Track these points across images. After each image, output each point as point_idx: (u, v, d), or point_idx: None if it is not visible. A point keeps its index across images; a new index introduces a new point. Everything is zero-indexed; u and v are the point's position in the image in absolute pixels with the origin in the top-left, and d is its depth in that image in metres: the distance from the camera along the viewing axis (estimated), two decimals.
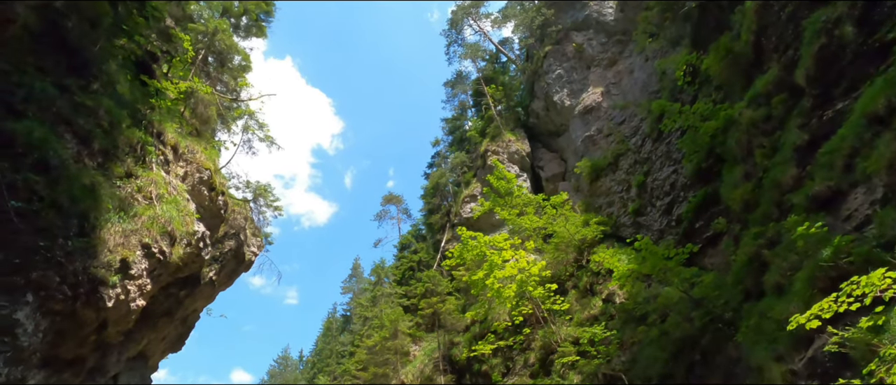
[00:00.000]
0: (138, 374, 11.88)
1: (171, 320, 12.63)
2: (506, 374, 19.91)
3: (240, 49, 20.43)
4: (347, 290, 55.32)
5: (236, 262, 15.42)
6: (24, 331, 5.98)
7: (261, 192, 18.89)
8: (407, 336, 26.74)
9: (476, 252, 20.21)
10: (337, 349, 50.57)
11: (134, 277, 8.53)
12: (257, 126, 19.51)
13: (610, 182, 20.98)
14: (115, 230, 8.50)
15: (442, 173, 39.05)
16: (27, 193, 6.89)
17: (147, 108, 12.47)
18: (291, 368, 61.63)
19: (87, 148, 9.03)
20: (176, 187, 11.47)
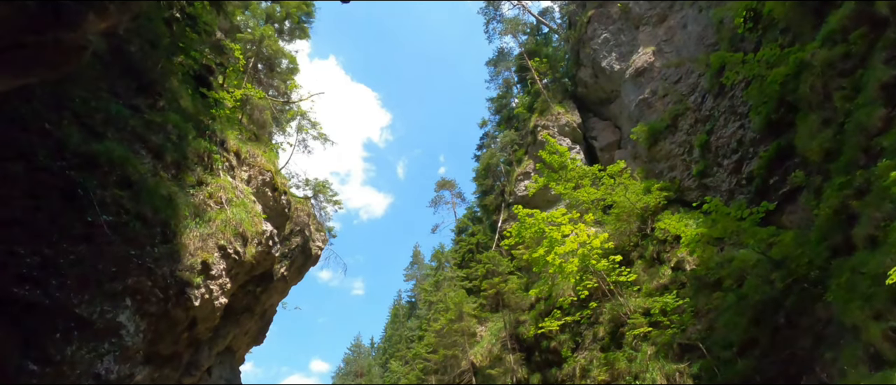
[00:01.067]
0: (228, 366, 12.83)
1: (251, 316, 13.49)
2: (575, 349, 19.66)
3: (286, 53, 21.09)
4: (410, 277, 56.57)
5: (304, 258, 16.13)
6: (127, 332, 6.57)
7: (320, 188, 19.58)
8: (472, 317, 27.00)
9: (534, 229, 19.96)
10: (405, 334, 52.04)
11: (215, 277, 9.13)
12: (310, 125, 20.16)
13: (670, 145, 19.94)
14: (193, 235, 9.11)
15: (492, 154, 38.73)
16: (115, 208, 7.49)
17: (209, 118, 13.19)
18: (364, 355, 64.20)
19: (161, 161, 9.68)
20: (242, 191, 12.10)
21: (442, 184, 44.37)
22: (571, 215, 19.54)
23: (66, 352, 5.64)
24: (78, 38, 4.42)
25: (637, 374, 15.10)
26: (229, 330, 11.99)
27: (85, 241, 6.60)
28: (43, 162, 6.68)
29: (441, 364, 25.67)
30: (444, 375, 25.66)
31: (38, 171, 6.51)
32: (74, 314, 5.90)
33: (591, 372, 17.27)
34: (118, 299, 6.63)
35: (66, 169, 6.88)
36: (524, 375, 22.38)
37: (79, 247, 6.44)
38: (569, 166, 21.24)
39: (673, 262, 16.77)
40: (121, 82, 9.87)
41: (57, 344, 5.53)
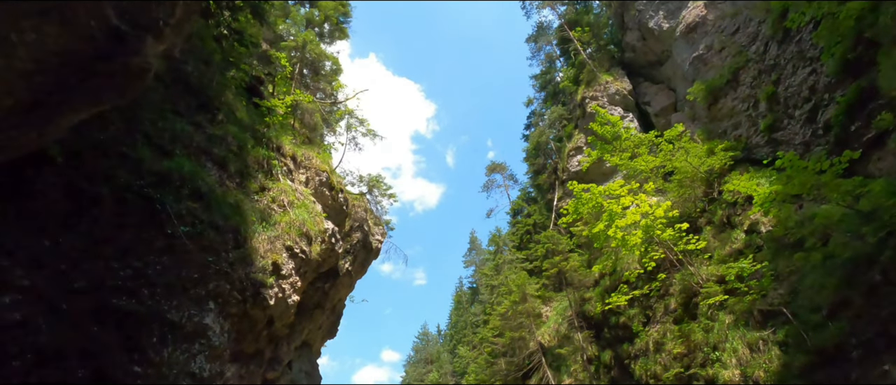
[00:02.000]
0: (306, 360, 13.51)
1: (322, 311, 14.08)
2: (646, 323, 19.03)
3: (328, 55, 21.58)
4: (469, 263, 56.88)
5: (365, 252, 16.59)
6: (214, 332, 7.03)
7: (374, 183, 20.02)
8: (536, 298, 26.80)
9: (591, 204, 19.43)
10: (470, 320, 52.54)
11: (285, 277, 9.57)
12: (358, 123, 20.59)
13: (732, 102, 18.65)
14: (262, 239, 9.58)
15: (541, 132, 37.97)
16: (190, 219, 7.99)
17: (263, 126, 13.77)
18: (432, 343, 65.51)
19: (226, 172, 10.22)
20: (302, 192, 12.57)
21: (492, 167, 44.08)
22: (630, 186, 18.82)
23: (163, 354, 6.12)
24: (141, 61, 4.70)
25: (715, 344, 14.42)
26: (304, 326, 12.59)
27: (168, 252, 7.10)
28: (124, 183, 7.22)
29: (508, 347, 25.71)
30: (513, 357, 25.70)
31: (121, 192, 7.05)
32: (166, 319, 6.38)
33: (666, 345, 16.68)
34: (202, 303, 7.10)
35: (144, 187, 7.40)
36: (595, 352, 21.99)
37: (163, 258, 6.94)
38: (623, 136, 20.41)
39: (746, 226, 15.79)
40: (182, 101, 10.48)
41: (155, 347, 6.01)
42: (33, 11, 3.61)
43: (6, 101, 3.82)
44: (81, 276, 5.79)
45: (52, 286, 5.39)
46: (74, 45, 4.14)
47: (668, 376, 15.32)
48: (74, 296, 5.58)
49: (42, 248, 5.60)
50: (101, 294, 5.82)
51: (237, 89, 13.90)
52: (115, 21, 4.37)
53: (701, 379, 14.43)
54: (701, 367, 14.62)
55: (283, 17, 22.23)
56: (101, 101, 4.75)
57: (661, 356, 16.78)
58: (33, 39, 3.73)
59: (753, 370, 12.66)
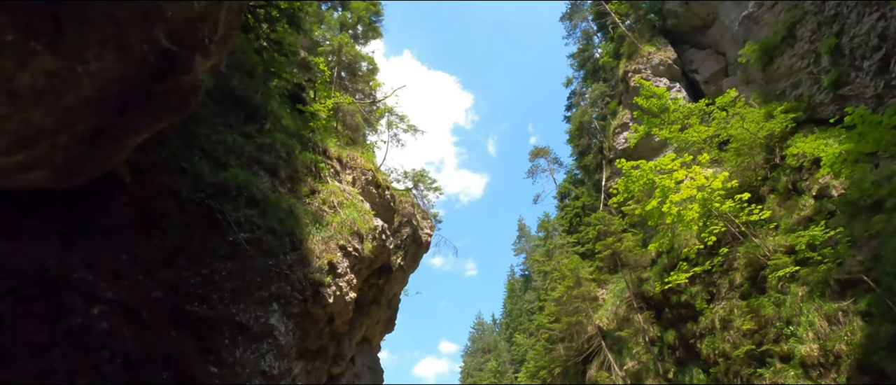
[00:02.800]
0: (368, 355, 13.90)
1: (379, 307, 14.40)
2: (710, 300, 18.23)
3: (364, 55, 21.91)
4: (519, 250, 56.49)
5: (415, 246, 16.81)
6: (280, 332, 7.36)
7: (418, 178, 20.21)
8: (590, 282, 26.26)
9: (642, 181, 18.76)
10: (525, 307, 52.27)
11: (341, 275, 9.85)
12: (399, 119, 20.82)
13: (789, 59, 17.40)
14: (316, 240, 9.89)
15: (583, 112, 36.99)
16: (249, 226, 8.36)
17: (308, 131, 14.18)
18: (488, 332, 65.73)
19: (277, 178, 10.60)
20: (350, 192, 12.87)
21: (536, 152, 43.41)
22: (683, 159, 18.01)
23: (236, 354, 6.46)
24: (192, 78, 4.93)
25: (789, 318, 13.62)
26: (362, 321, 12.95)
27: (231, 258, 7.47)
28: (187, 195, 7.63)
29: (566, 332, 25.37)
30: (571, 343, 25.35)
31: (185, 204, 7.46)
32: (235, 321, 6.72)
33: (733, 322, 15.92)
34: (267, 305, 7.43)
35: (205, 199, 7.80)
36: (657, 333, 21.32)
37: (227, 263, 7.30)
38: (670, 107, 19.53)
39: (814, 190, 14.75)
40: (231, 114, 10.94)
41: (227, 348, 6.35)
42: (95, 43, 3.85)
43: (78, 129, 4.11)
44: (157, 285, 6.19)
45: (132, 296, 5.79)
46: (131, 69, 4.39)
47: (739, 354, 14.63)
48: (152, 304, 5.98)
49: (120, 262, 6.03)
50: (176, 301, 6.21)
51: (281, 97, 14.37)
52: (166, 43, 4.60)
53: (775, 355, 13.69)
54: (774, 342, 13.87)
55: (317, 23, 22.73)
56: (159, 120, 5.04)
57: (728, 334, 16.05)
58: (96, 69, 3.99)
59: (834, 343, 11.88)
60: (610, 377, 22.21)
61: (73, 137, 4.13)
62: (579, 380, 25.31)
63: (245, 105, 11.44)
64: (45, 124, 3.81)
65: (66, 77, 3.77)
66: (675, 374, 19.64)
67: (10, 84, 3.37)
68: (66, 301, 5.18)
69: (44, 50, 3.49)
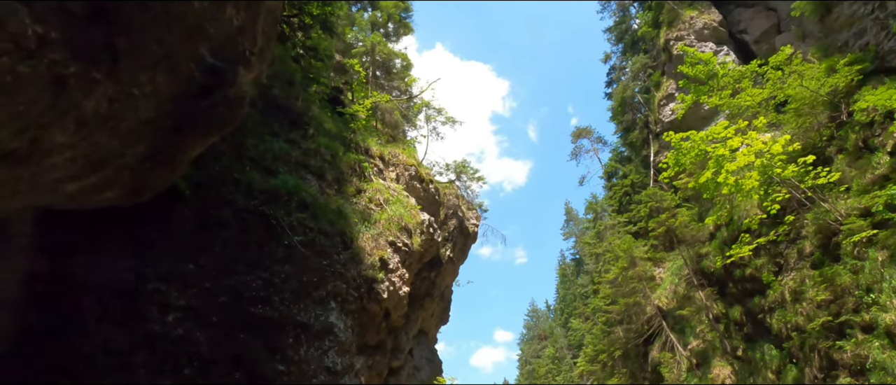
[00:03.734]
0: (425, 347, 14.13)
1: (432, 299, 14.57)
2: (778, 271, 17.24)
3: (397, 52, 22.07)
4: (568, 234, 55.56)
5: (463, 237, 16.86)
6: (339, 329, 7.60)
7: (461, 169, 20.22)
8: (645, 261, 25.45)
9: (694, 153, 17.91)
10: (578, 292, 51.43)
11: (393, 271, 10.03)
12: (436, 113, 20.89)
13: (850, 7, 16.08)
14: (366, 238, 10.11)
15: (624, 86, 35.75)
16: (302, 229, 8.64)
17: (350, 132, 14.46)
18: (543, 318, 65.21)
19: (324, 181, 10.90)
20: (395, 189, 13.05)
21: (578, 133, 42.38)
22: (736, 126, 17.06)
23: (300, 352, 6.73)
24: (237, 91, 5.13)
25: (869, 286, 12.66)
26: (417, 315, 13.15)
27: (288, 261, 7.76)
28: (241, 204, 7.99)
29: (624, 314, 24.74)
30: (630, 324, 24.70)
31: (241, 213, 7.81)
32: (297, 321, 7.00)
33: (806, 293, 14.97)
34: (325, 303, 7.68)
35: (258, 206, 8.14)
36: (721, 310, 20.42)
37: (285, 266, 7.60)
38: (719, 73, 18.49)
39: (889, 146, 13.61)
40: (275, 123, 11.33)
41: (292, 347, 6.63)
42: (148, 66, 4.07)
43: (139, 149, 4.38)
44: (222, 291, 6.53)
45: (202, 303, 6.14)
46: (181, 88, 4.62)
47: (814, 326, 13.76)
48: (220, 309, 6.31)
49: (188, 271, 6.40)
50: (241, 304, 6.53)
51: (321, 102, 14.73)
52: (210, 59, 4.80)
53: (856, 326, 12.78)
54: (854, 312, 12.95)
55: (349, 26, 23.09)
56: (211, 134, 5.28)
57: (801, 306, 15.13)
58: (151, 91, 4.22)
59: None
60: (673, 357, 21.52)
61: (136, 157, 4.41)
62: (640, 362, 24.66)
63: (288, 113, 11.80)
64: (111, 147, 4.08)
65: (125, 101, 4.01)
66: (744, 351, 18.76)
67: (78, 112, 3.63)
68: (143, 310, 5.56)
69: (104, 78, 3.72)
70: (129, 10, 3.83)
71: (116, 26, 3.78)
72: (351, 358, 7.89)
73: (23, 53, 3.01)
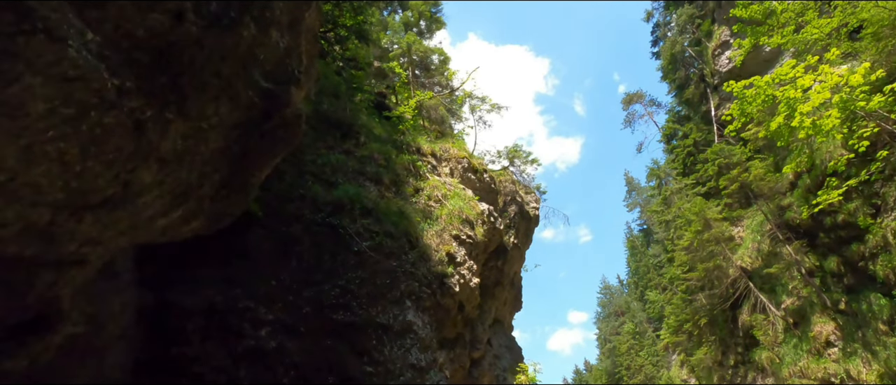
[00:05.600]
0: (502, 335, 14.15)
1: (502, 288, 14.54)
2: (875, 214, 15.76)
3: (433, 48, 22.11)
4: (632, 205, 53.57)
5: (525, 222, 16.70)
6: (418, 326, 7.77)
7: (513, 154, 19.99)
8: (721, 222, 24.03)
9: (760, 100, 16.68)
10: (650, 263, 49.51)
11: (461, 263, 10.10)
12: (480, 102, 20.75)
13: None
14: (430, 235, 10.24)
15: (672, 42, 33.89)
16: (368, 234, 8.88)
17: (399, 134, 14.69)
18: (617, 294, 63.35)
19: (382, 185, 11.13)
20: (450, 183, 13.11)
21: (628, 99, 40.72)
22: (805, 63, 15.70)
23: (385, 352, 6.94)
24: (293, 110, 5.34)
25: None
26: (490, 304, 13.17)
27: (360, 267, 8.01)
28: (309, 218, 8.33)
29: (704, 279, 23.52)
30: (713, 290, 23.45)
31: (310, 226, 8.15)
32: (377, 322, 7.21)
33: None
34: (401, 303, 7.87)
35: (325, 217, 8.46)
36: (814, 263, 18.94)
37: (358, 272, 7.84)
38: (778, 9, 17.06)
39: None
40: (328, 136, 11.71)
41: (376, 348, 6.85)
42: (211, 100, 4.32)
43: (215, 178, 4.67)
44: (304, 302, 6.84)
45: (288, 315, 6.47)
46: (243, 115, 4.86)
47: None
48: (305, 319, 6.62)
49: (271, 287, 6.76)
50: (324, 313, 6.82)
51: (367, 109, 15.06)
52: (264, 84, 5.02)
53: None
54: None
55: (382, 30, 23.39)
56: (276, 153, 5.54)
57: None
58: (216, 122, 4.48)
59: None
60: (766, 319, 20.22)
61: (213, 186, 4.70)
62: (730, 327, 23.38)
63: (338, 125, 12.16)
64: (190, 180, 4.37)
65: (196, 136, 4.28)
66: (847, 303, 17.30)
67: (157, 152, 3.91)
68: (238, 327, 5.94)
69: (175, 117, 3.99)
70: (187, 49, 4.07)
71: (178, 67, 4.03)
72: (433, 353, 8.03)
73: (106, 105, 3.27)
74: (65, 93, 2.97)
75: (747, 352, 21.97)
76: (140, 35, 3.68)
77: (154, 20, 3.75)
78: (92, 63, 3.11)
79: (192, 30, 4.03)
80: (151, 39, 3.78)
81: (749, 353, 21.73)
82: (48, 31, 2.74)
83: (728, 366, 23.17)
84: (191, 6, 4.00)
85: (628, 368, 47.49)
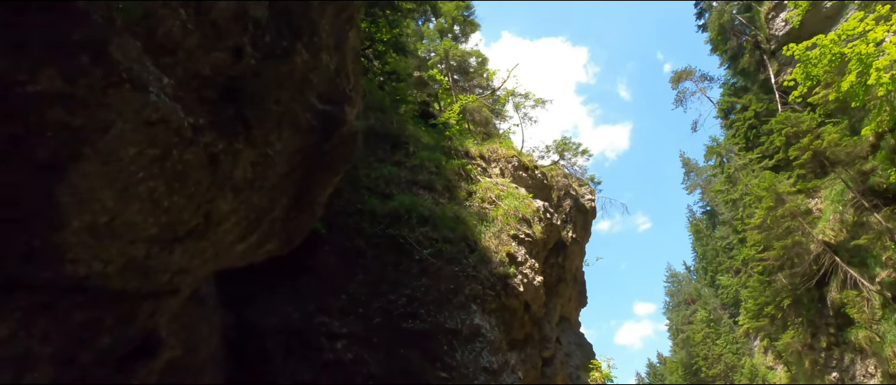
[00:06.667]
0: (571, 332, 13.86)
1: (565, 284, 14.24)
2: None
3: (470, 51, 22.17)
4: (691, 187, 51.08)
5: (582, 215, 16.32)
6: (486, 329, 7.75)
7: (562, 147, 19.62)
8: (794, 195, 22.42)
9: (826, 60, 15.59)
10: (719, 246, 46.91)
11: (522, 263, 9.99)
12: (523, 98, 20.56)
13: None
14: (488, 236, 10.20)
15: (719, 12, 32.19)
16: (427, 242, 8.97)
17: (446, 141, 14.78)
18: (684, 282, 60.38)
19: (435, 192, 11.22)
20: (502, 184, 13.03)
21: (677, 77, 38.98)
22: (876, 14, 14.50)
23: (456, 357, 6.96)
24: (349, 128, 5.52)
25: None
26: (555, 302, 12.93)
27: (423, 274, 8.10)
28: (370, 231, 8.53)
29: (783, 258, 21.98)
30: (794, 268, 21.87)
31: (371, 239, 8.35)
32: (446, 328, 7.26)
33: None
34: (466, 307, 7.88)
35: (385, 229, 8.63)
36: None
37: (422, 279, 7.94)
38: None
39: None
40: (379, 149, 11.96)
41: (448, 354, 6.89)
42: (273, 126, 4.53)
43: (283, 200, 4.89)
44: (374, 313, 7.01)
45: (360, 327, 6.65)
46: (304, 138, 5.06)
47: None
48: (376, 330, 6.77)
49: (342, 301, 6.98)
50: (393, 323, 6.94)
51: (413, 119, 15.26)
52: (321, 106, 5.21)
53: None
54: None
55: (418, 40, 23.69)
56: (337, 171, 5.73)
57: None
58: (281, 147, 4.69)
59: None
60: (860, 295, 18.61)
61: (283, 208, 4.92)
62: (817, 307, 21.72)
63: (387, 137, 12.40)
64: (262, 205, 4.60)
65: (264, 162, 4.49)
66: None
67: (231, 181, 4.14)
68: (315, 342, 6.16)
69: (244, 147, 4.21)
70: (247, 82, 4.29)
71: (242, 99, 4.26)
72: (504, 355, 7.98)
73: (185, 142, 3.50)
74: (150, 135, 3.21)
75: (841, 332, 20.29)
76: (206, 74, 3.92)
77: (217, 58, 3.99)
78: (170, 105, 3.34)
79: (251, 63, 4.26)
80: (216, 76, 4.03)
81: (843, 334, 20.06)
82: (132, 80, 2.97)
83: (819, 348, 21.49)
84: (248, 41, 4.22)
85: (705, 358, 45.02)
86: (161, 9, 3.40)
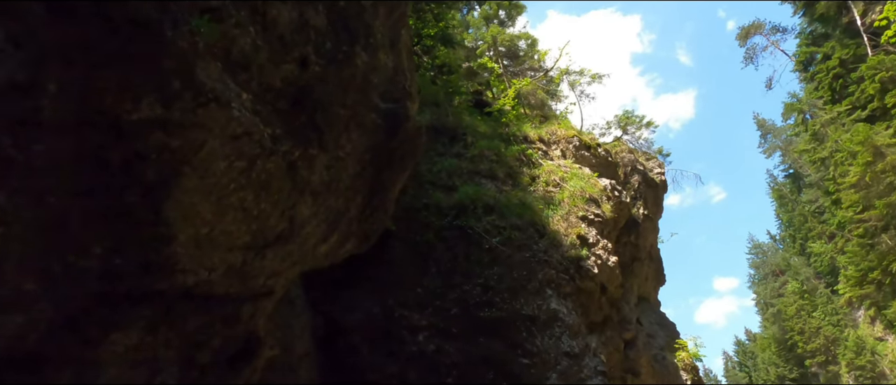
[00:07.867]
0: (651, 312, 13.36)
1: (641, 263, 13.70)
2: None
3: (518, 35, 21.72)
4: (769, 150, 47.36)
5: (652, 190, 15.62)
6: (563, 313, 7.65)
7: (624, 121, 18.80)
8: (895, 146, 20.16)
9: None
10: (807, 210, 43.16)
11: (594, 244, 9.72)
12: (579, 75, 19.91)
13: None
14: (556, 220, 10.01)
15: None
16: (495, 230, 8.94)
17: (503, 128, 14.63)
18: (770, 252, 56.16)
19: (497, 180, 11.15)
20: (565, 165, 12.72)
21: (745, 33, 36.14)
22: None
23: (536, 343, 6.92)
24: (412, 123, 5.61)
25: None
26: (631, 282, 12.48)
27: (495, 263, 8.10)
28: (437, 224, 8.65)
29: (886, 217, 19.85)
30: None
31: (440, 231, 8.46)
32: (523, 315, 7.23)
33: None
34: (541, 293, 7.79)
35: (452, 221, 8.71)
36: None
37: (494, 268, 7.94)
38: None
39: None
40: (438, 143, 12.05)
41: (528, 340, 6.87)
42: (342, 129, 4.69)
43: (358, 200, 5.06)
44: (451, 304, 7.10)
45: (439, 318, 6.77)
46: (371, 137, 5.21)
47: None
48: (454, 320, 6.87)
49: (418, 295, 7.14)
50: (470, 312, 7.01)
51: (468, 110, 15.23)
52: (383, 104, 5.33)
53: None
54: None
55: (465, 30, 23.54)
56: (406, 167, 5.87)
57: None
58: (350, 149, 4.85)
59: None
60: None
61: (358, 208, 5.10)
62: None
63: (444, 131, 12.47)
64: (338, 206, 4.79)
65: (336, 165, 4.67)
66: None
67: (309, 186, 4.34)
68: (397, 335, 6.35)
69: (318, 151, 4.39)
70: (315, 88, 4.46)
71: (310, 105, 4.44)
72: (584, 339, 7.82)
73: (267, 152, 3.71)
74: (237, 149, 3.43)
75: None
76: (277, 86, 4.12)
77: (285, 70, 4.18)
78: (250, 118, 3.55)
79: (316, 70, 4.42)
80: (286, 87, 4.22)
81: None
82: (217, 99, 3.18)
83: None
84: (311, 50, 4.38)
85: (802, 333, 41.69)
86: (233, 29, 3.60)
